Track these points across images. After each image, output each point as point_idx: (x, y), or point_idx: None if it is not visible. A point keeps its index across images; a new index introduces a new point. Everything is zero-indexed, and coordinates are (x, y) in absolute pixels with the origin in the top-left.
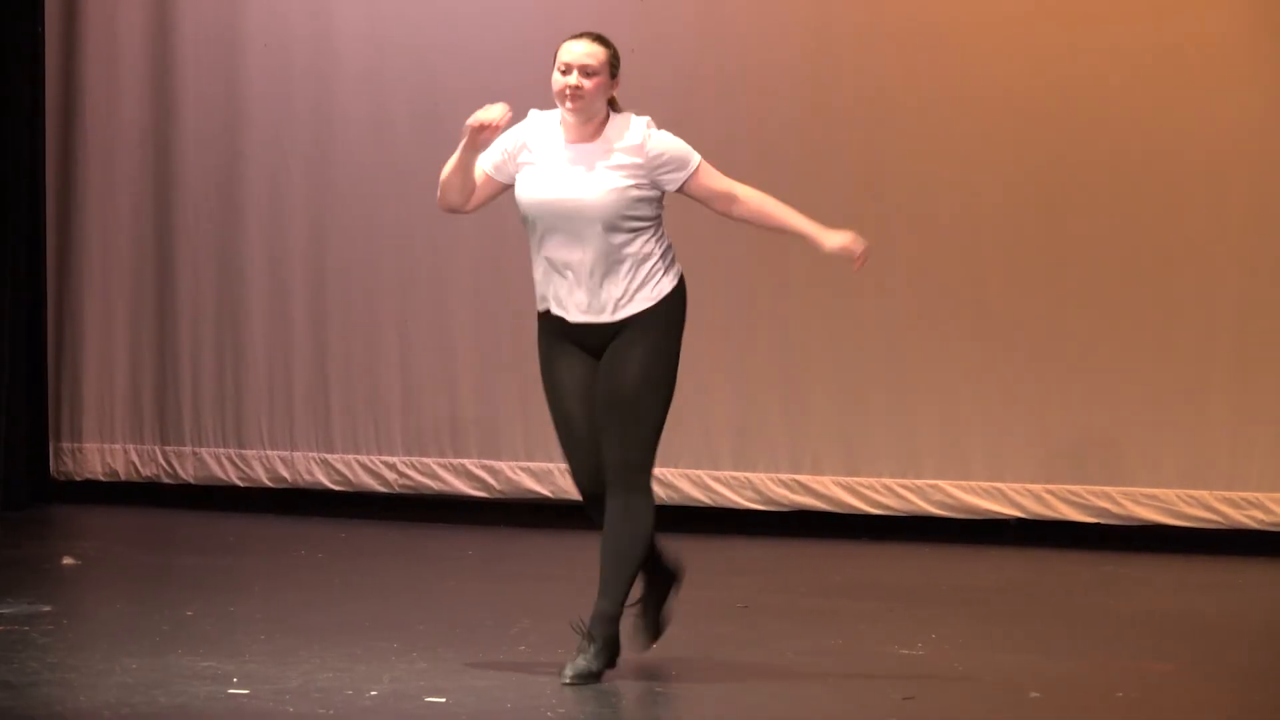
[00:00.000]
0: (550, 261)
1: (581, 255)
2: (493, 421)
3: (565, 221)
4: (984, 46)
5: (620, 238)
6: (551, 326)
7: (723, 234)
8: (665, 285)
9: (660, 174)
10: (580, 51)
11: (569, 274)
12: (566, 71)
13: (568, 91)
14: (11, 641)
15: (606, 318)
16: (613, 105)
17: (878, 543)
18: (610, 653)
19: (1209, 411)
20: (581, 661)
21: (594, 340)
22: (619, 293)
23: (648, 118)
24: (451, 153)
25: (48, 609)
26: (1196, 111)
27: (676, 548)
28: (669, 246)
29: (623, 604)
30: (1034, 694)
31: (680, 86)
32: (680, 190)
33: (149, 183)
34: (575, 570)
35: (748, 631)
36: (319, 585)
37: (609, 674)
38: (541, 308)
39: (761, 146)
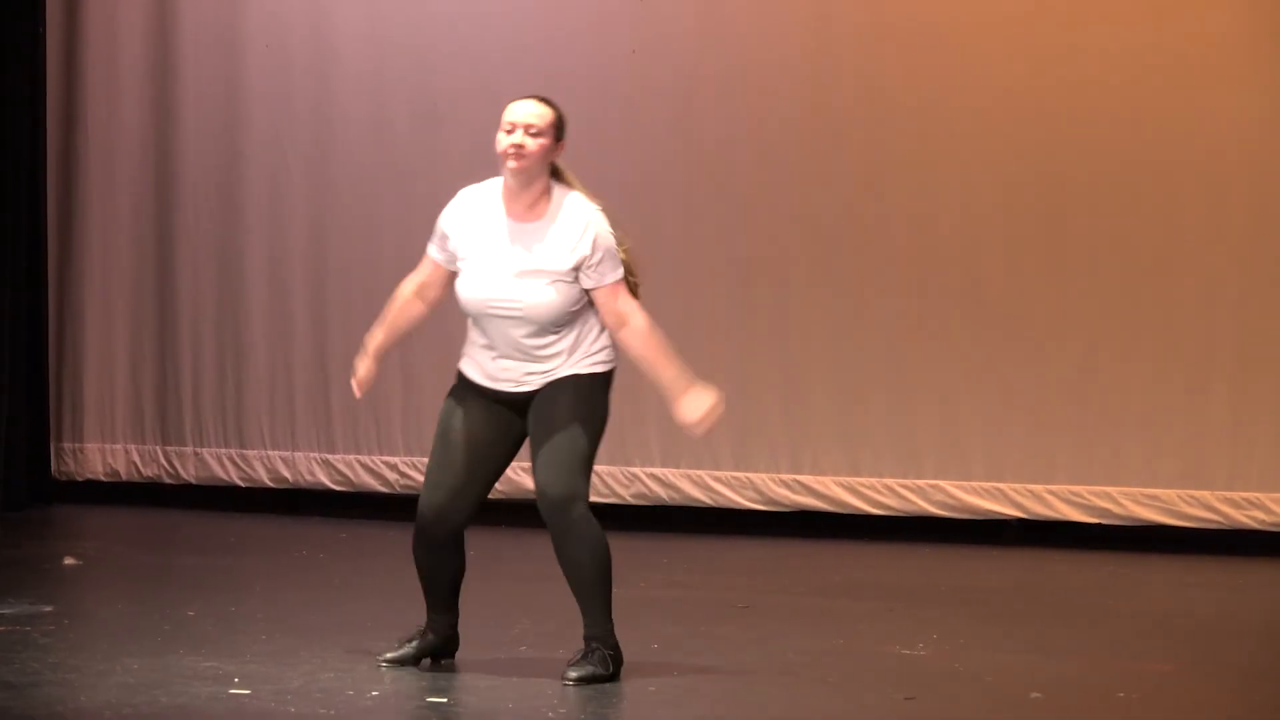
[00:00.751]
0: (482, 344)
1: (515, 345)
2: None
3: (504, 322)
4: (984, 47)
5: (556, 331)
6: (467, 381)
7: (723, 234)
8: (599, 367)
9: (585, 268)
10: (525, 111)
11: (501, 358)
12: (511, 131)
13: (511, 150)
14: (13, 641)
15: (530, 389)
16: (557, 175)
17: (879, 543)
18: (611, 662)
19: (1210, 412)
20: (582, 668)
21: (514, 401)
22: (548, 369)
23: (596, 208)
24: (446, 156)
25: (49, 609)
26: (1197, 112)
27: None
28: (600, 330)
29: (607, 620)
30: (1035, 694)
31: (681, 87)
32: (584, 288)
33: (150, 183)
34: None
35: (748, 631)
36: (320, 585)
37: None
38: (467, 371)
39: (762, 147)
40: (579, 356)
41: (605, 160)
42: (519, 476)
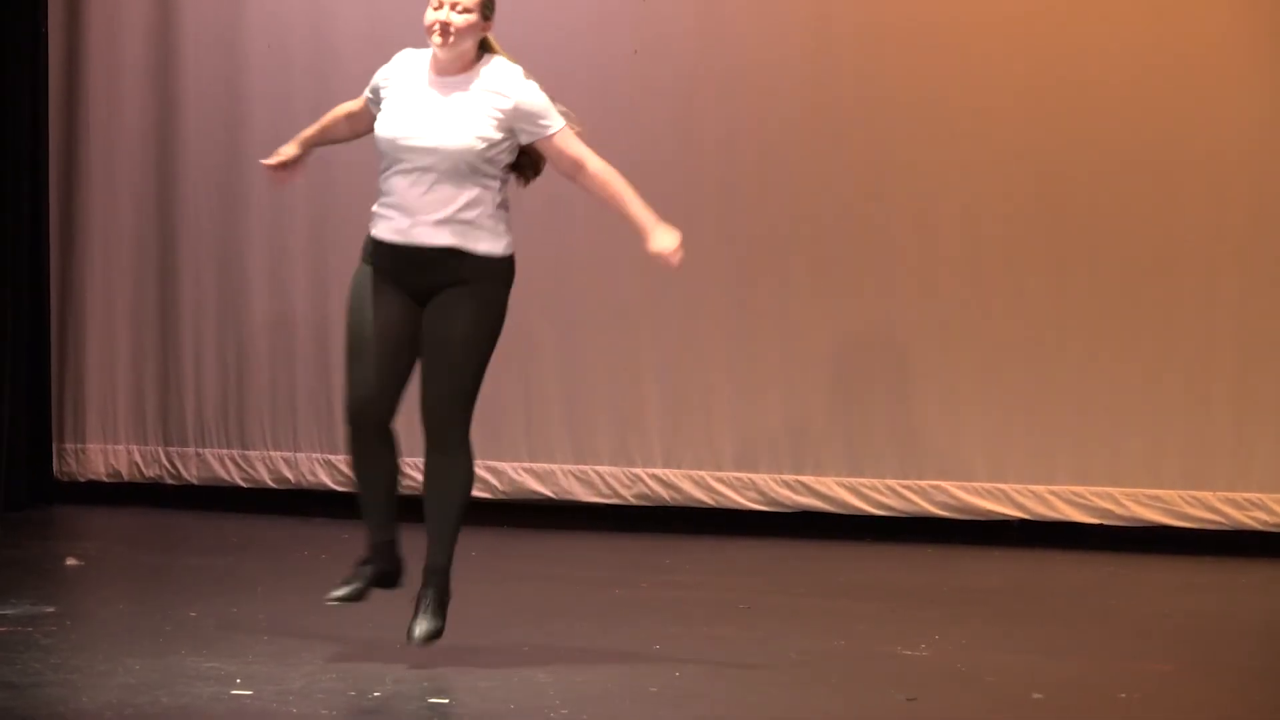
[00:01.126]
0: (394, 193)
1: (424, 193)
2: (495, 423)
3: (417, 158)
4: (985, 46)
5: (467, 185)
6: (375, 252)
7: (724, 234)
8: (501, 245)
9: (520, 123)
10: None
11: (407, 208)
12: (438, 7)
13: (436, 26)
14: (14, 642)
15: (429, 242)
16: (486, 48)
17: (880, 543)
18: (445, 604)
19: (1211, 412)
20: (424, 624)
21: (417, 277)
22: (451, 226)
23: (520, 68)
24: None
25: (51, 610)
26: (1198, 112)
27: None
28: (508, 214)
29: (450, 557)
30: (1036, 695)
31: (681, 86)
32: (532, 145)
33: (151, 182)
34: (577, 570)
35: (750, 632)
36: (322, 586)
37: (609, 675)
38: (371, 231)
39: (762, 147)
40: (477, 225)
41: (606, 160)
42: (520, 477)
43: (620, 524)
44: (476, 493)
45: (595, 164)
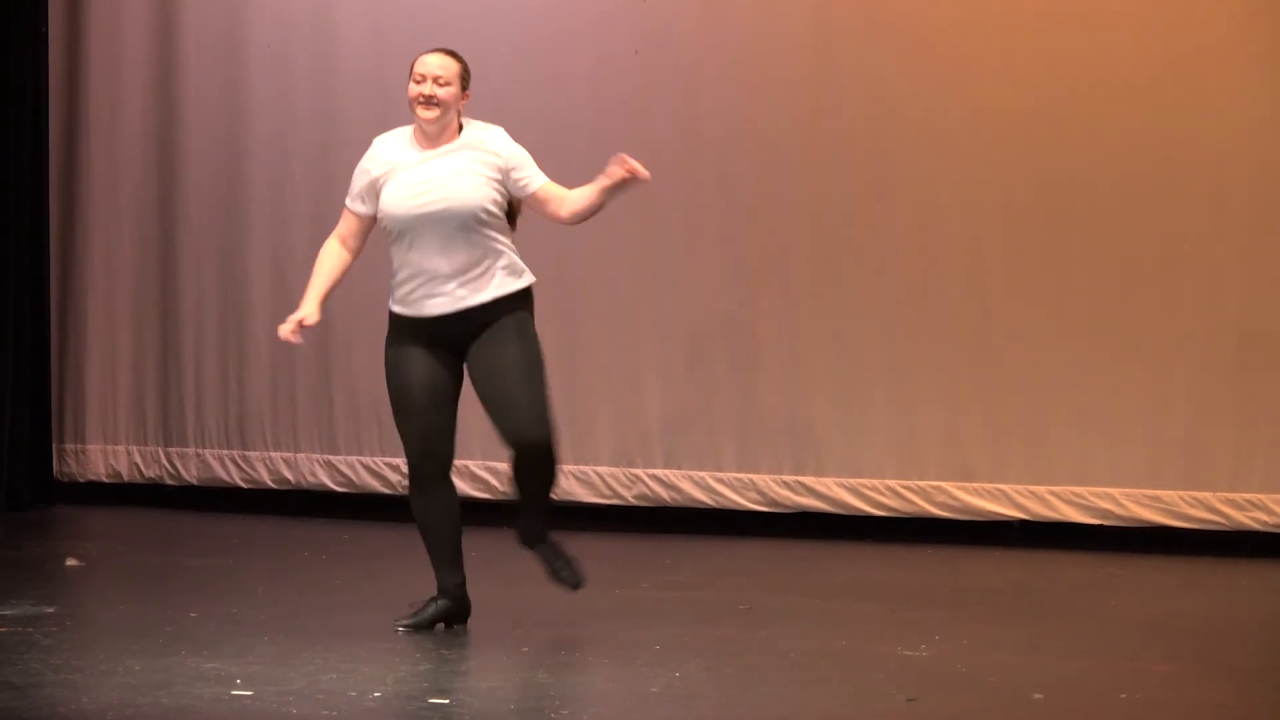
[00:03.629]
0: (410, 267)
1: (444, 258)
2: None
3: (432, 225)
4: (987, 48)
5: (480, 240)
6: (402, 326)
7: (725, 234)
8: (521, 283)
9: (511, 175)
10: (434, 63)
11: (430, 276)
12: (420, 81)
13: (421, 99)
14: (15, 643)
15: (460, 306)
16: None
17: (881, 544)
18: (569, 557)
19: (1212, 413)
20: (564, 569)
21: (448, 333)
22: (475, 283)
23: (501, 128)
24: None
25: (51, 610)
26: (1198, 112)
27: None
28: (516, 250)
29: (548, 527)
30: (1037, 695)
31: (682, 86)
32: (523, 198)
33: (152, 183)
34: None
35: (750, 632)
36: (322, 587)
37: (610, 675)
38: (396, 309)
39: (763, 147)
40: (496, 278)
41: (606, 160)
42: None
43: (620, 525)
44: (475, 493)
45: (568, 198)
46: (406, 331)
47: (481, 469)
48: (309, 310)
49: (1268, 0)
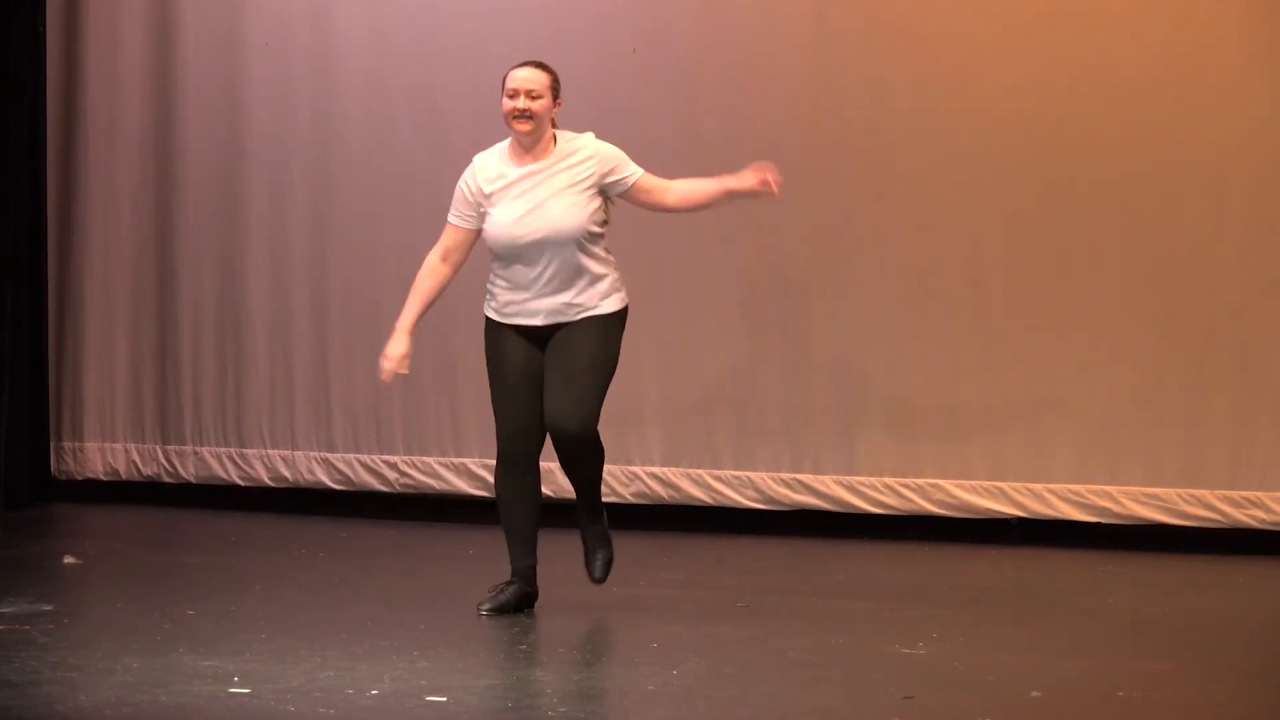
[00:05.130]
0: (512, 281)
1: (542, 272)
2: (493, 421)
3: (534, 250)
4: (987, 48)
5: (581, 258)
6: (500, 325)
7: (724, 233)
8: (614, 307)
9: (609, 179)
10: (524, 77)
11: (530, 295)
12: (514, 96)
13: (515, 113)
14: (13, 640)
15: (553, 321)
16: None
17: (879, 542)
18: (608, 551)
19: (1210, 411)
20: (600, 566)
21: (543, 335)
22: (574, 301)
23: (590, 133)
24: (448, 156)
25: (49, 608)
26: (1198, 112)
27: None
28: (615, 266)
29: (604, 510)
30: (1035, 693)
31: (682, 85)
32: (624, 194)
33: (150, 182)
34: (577, 569)
35: (748, 630)
36: (320, 584)
37: (607, 673)
38: (492, 317)
39: (763, 145)
40: (594, 294)
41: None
42: None
43: (618, 522)
44: (474, 491)
45: (674, 187)
46: (500, 327)
47: (479, 467)
48: (398, 345)
49: (1268, 0)
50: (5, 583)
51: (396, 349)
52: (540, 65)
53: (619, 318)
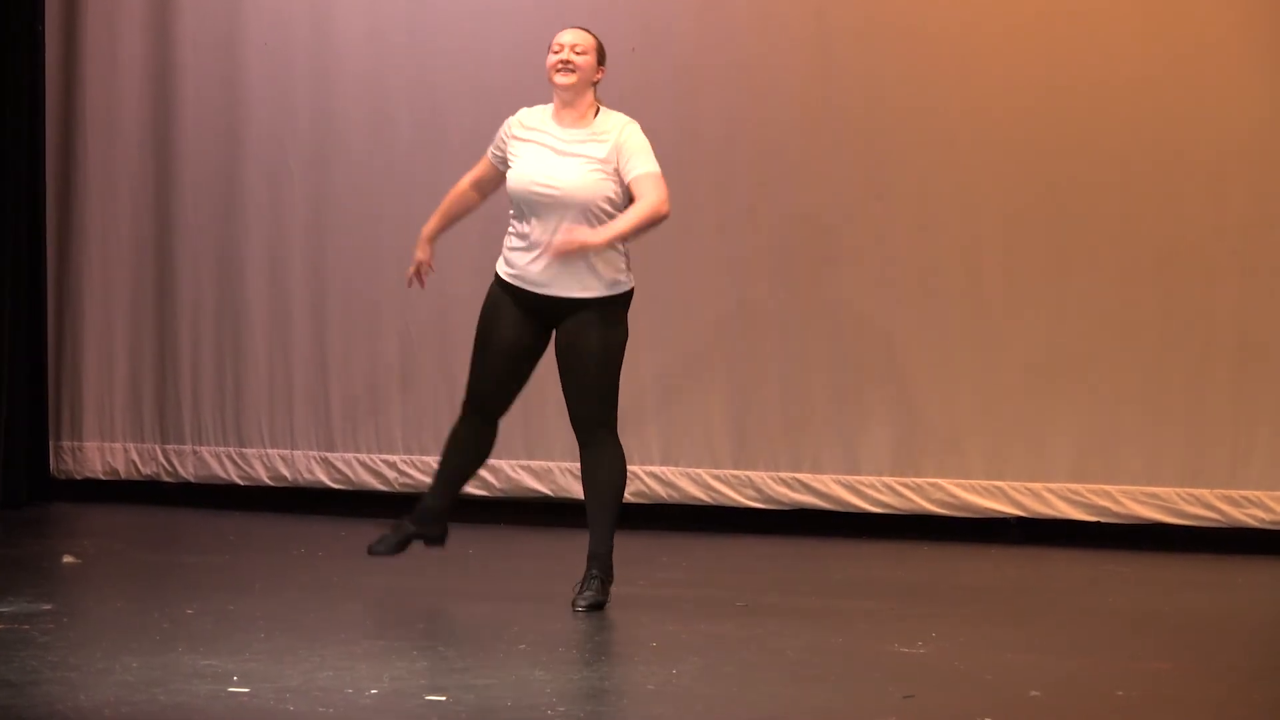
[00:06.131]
0: (524, 237)
1: (554, 234)
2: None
3: (548, 209)
4: (987, 47)
5: (591, 227)
6: (505, 287)
7: (724, 232)
8: (624, 284)
9: (622, 162)
10: (570, 36)
11: (538, 251)
12: (559, 50)
13: (559, 65)
14: (12, 640)
15: (565, 294)
16: (595, 96)
17: (878, 541)
18: (608, 583)
19: (1209, 410)
20: (589, 594)
21: (546, 310)
22: (582, 273)
23: (626, 117)
24: (447, 156)
25: (48, 607)
26: (1197, 113)
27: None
28: (624, 249)
29: (609, 543)
30: (1034, 692)
31: (681, 85)
32: (627, 182)
33: (149, 182)
34: (574, 569)
35: (747, 630)
36: (319, 584)
37: (606, 672)
38: (503, 271)
39: (763, 145)
40: (601, 270)
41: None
42: (518, 475)
43: (618, 521)
44: (473, 490)
45: (636, 204)
46: (508, 292)
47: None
48: (422, 252)
49: (1268, 0)
50: (4, 582)
51: (419, 254)
52: (587, 30)
53: (623, 300)
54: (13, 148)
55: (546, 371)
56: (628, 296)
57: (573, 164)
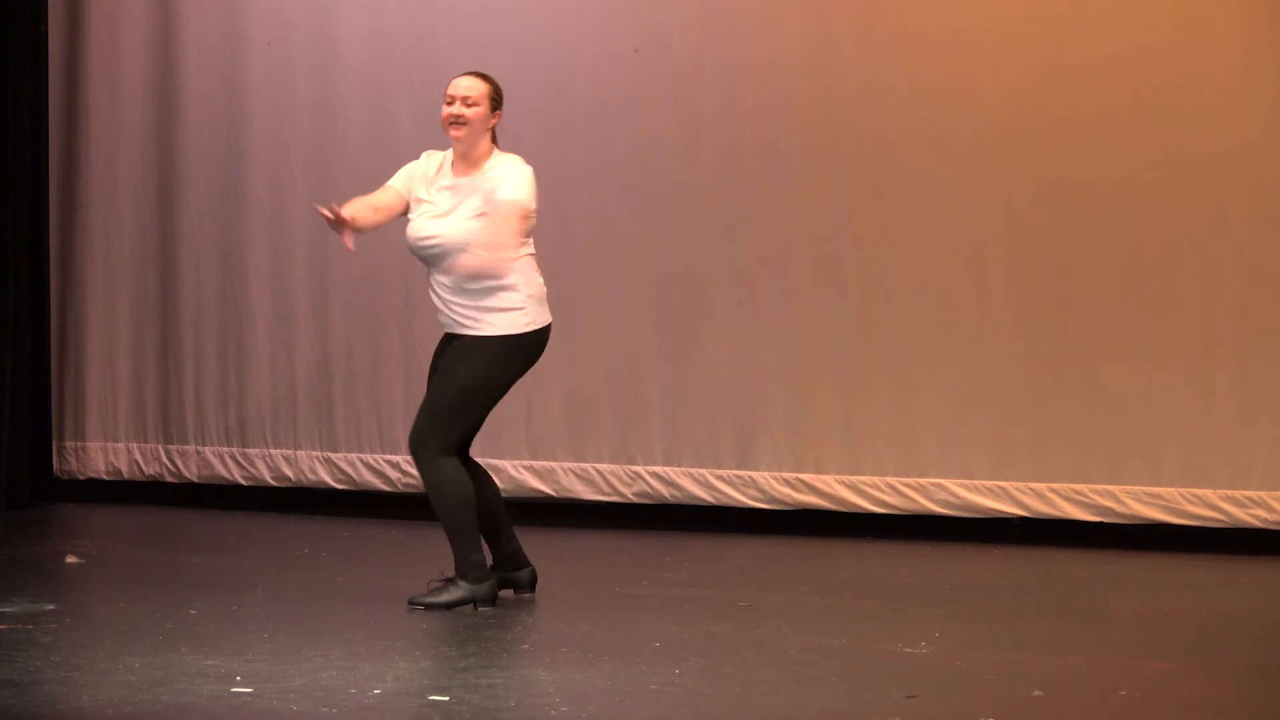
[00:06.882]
0: (433, 287)
1: (444, 287)
2: (496, 420)
3: (434, 260)
4: (987, 48)
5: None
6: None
7: (725, 233)
8: (504, 327)
9: (493, 196)
10: (463, 85)
11: (437, 296)
12: (450, 103)
13: (450, 119)
14: (15, 640)
15: (457, 330)
16: (493, 139)
17: (881, 541)
18: (456, 591)
19: (1212, 410)
20: (431, 596)
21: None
22: (469, 311)
23: (516, 157)
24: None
25: (51, 607)
26: (1198, 113)
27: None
28: (532, 282)
29: (461, 562)
30: (1037, 692)
31: (682, 85)
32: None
33: (152, 181)
34: (577, 568)
35: (750, 630)
36: (323, 584)
37: (610, 672)
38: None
39: (764, 146)
40: (491, 307)
41: (606, 159)
42: (521, 475)
43: (620, 522)
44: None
45: (493, 234)
46: (443, 337)
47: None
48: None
49: (1268, 0)
50: (8, 582)
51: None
52: (482, 75)
53: (507, 342)
54: (16, 148)
55: (547, 371)
56: (515, 339)
57: (455, 212)
